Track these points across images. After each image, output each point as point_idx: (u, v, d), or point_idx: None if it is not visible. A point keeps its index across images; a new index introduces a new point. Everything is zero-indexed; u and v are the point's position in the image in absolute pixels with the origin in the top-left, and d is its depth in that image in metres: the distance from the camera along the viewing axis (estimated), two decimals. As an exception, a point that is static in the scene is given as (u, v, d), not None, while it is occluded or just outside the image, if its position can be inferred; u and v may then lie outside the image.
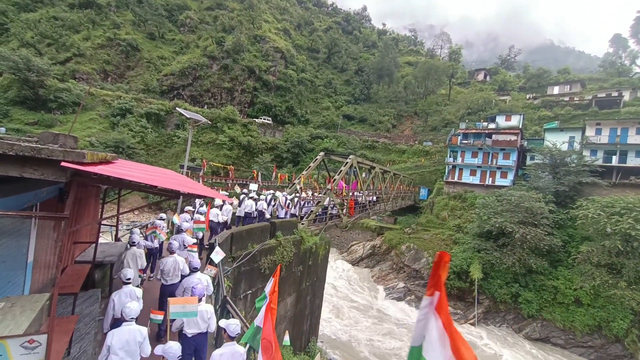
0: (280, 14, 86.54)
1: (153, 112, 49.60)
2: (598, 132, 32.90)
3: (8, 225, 4.07)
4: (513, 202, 25.92)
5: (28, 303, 3.73)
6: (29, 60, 41.48)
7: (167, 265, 6.50)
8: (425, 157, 49.94)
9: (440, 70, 65.71)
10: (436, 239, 30.73)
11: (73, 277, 5.76)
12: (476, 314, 23.88)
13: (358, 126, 65.96)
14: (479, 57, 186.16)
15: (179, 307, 4.61)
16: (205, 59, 62.61)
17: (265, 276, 10.68)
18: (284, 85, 65.56)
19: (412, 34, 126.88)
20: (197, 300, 4.79)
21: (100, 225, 8.48)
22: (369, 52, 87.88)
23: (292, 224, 13.08)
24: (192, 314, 4.68)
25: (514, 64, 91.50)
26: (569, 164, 29.65)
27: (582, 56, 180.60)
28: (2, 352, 2.68)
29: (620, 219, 21.39)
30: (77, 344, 4.66)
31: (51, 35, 55.98)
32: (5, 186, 3.60)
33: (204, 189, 6.83)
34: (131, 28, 63.58)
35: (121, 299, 4.96)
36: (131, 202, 34.63)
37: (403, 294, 27.23)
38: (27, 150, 2.72)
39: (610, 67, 64.66)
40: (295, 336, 13.53)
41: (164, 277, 6.51)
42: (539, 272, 24.18)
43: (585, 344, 21.11)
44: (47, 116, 42.59)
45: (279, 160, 53.49)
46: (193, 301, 4.72)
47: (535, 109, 51.89)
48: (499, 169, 36.20)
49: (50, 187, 5.03)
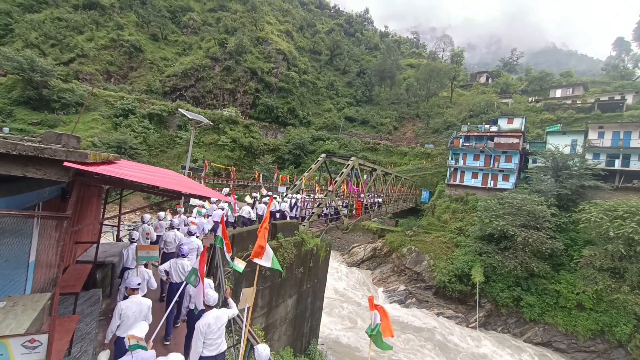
0: (282, 15, 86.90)
1: (155, 113, 49.82)
2: (601, 135, 32.79)
3: (10, 225, 4.08)
4: (515, 205, 25.82)
5: (30, 302, 3.73)
6: (33, 60, 41.78)
7: (169, 237, 8.22)
8: (427, 159, 49.88)
9: (442, 72, 65.68)
10: (437, 241, 30.64)
11: (74, 276, 5.77)
12: (477, 318, 23.75)
13: (360, 128, 65.98)
14: (481, 60, 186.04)
15: (144, 253, 5.92)
16: (208, 60, 62.87)
17: (266, 277, 10.67)
18: (286, 87, 65.72)
19: (415, 36, 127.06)
20: (157, 248, 6.50)
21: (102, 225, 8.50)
22: (371, 54, 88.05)
23: (293, 226, 13.07)
24: (154, 257, 6.09)
25: (516, 66, 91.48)
26: (571, 167, 29.52)
27: (585, 59, 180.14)
28: (4, 351, 2.68)
29: (623, 223, 21.26)
30: (78, 343, 4.66)
31: (55, 36, 56.36)
32: (8, 185, 3.61)
33: (205, 190, 6.84)
34: (134, 29, 63.98)
35: (128, 312, 4.55)
36: (133, 203, 34.70)
37: (404, 296, 27.12)
38: (30, 149, 2.73)
39: (613, 70, 64.51)
40: (296, 338, 13.49)
41: (166, 247, 8.12)
42: (541, 276, 24.04)
43: (587, 349, 20.95)
44: (51, 116, 42.83)
45: (280, 161, 53.53)
46: (154, 248, 6.25)
47: (537, 112, 51.78)
48: (501, 172, 36.09)
49: (53, 186, 5.04)
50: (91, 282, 6.59)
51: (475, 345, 21.33)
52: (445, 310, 25.44)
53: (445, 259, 27.98)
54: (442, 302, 26.13)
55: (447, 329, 23.00)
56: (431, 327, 22.90)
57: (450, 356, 19.79)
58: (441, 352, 20.12)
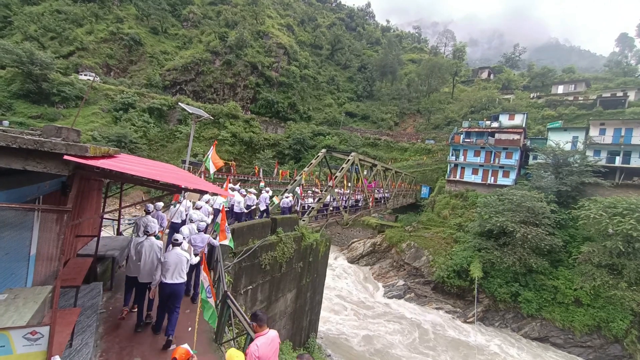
0: (283, 9, 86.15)
1: (155, 107, 49.66)
2: (602, 132, 32.68)
3: (11, 218, 4.09)
4: (515, 201, 25.85)
5: (31, 295, 3.76)
6: (32, 53, 41.56)
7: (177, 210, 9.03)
8: (428, 155, 49.83)
9: (444, 68, 65.31)
10: (437, 237, 30.73)
11: (75, 270, 5.80)
12: (475, 313, 23.93)
13: (360, 123, 65.80)
14: (483, 55, 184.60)
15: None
16: (208, 54, 62.50)
17: (266, 272, 10.73)
18: (287, 81, 65.41)
19: (416, 31, 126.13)
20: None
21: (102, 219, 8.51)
22: (372, 49, 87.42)
23: (293, 221, 13.11)
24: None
25: (518, 62, 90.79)
26: (571, 164, 29.46)
27: (588, 55, 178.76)
28: (5, 343, 2.71)
29: (623, 220, 21.30)
30: (79, 336, 4.70)
31: (54, 28, 55.97)
32: (9, 179, 3.62)
33: (205, 184, 6.84)
34: (134, 22, 63.48)
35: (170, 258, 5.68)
36: (133, 197, 34.76)
37: (403, 291, 27.30)
38: (31, 143, 2.73)
39: (615, 66, 64.14)
40: (295, 332, 13.61)
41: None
42: (539, 272, 24.17)
43: (584, 344, 21.14)
44: (50, 110, 42.71)
45: (280, 156, 53.49)
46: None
47: (539, 108, 51.58)
48: (501, 168, 36.07)
49: (53, 180, 5.04)
50: (92, 276, 6.63)
51: (473, 339, 21.52)
52: (444, 305, 25.63)
53: (444, 254, 28.10)
54: (441, 297, 26.31)
55: (445, 324, 23.19)
56: (429, 322, 23.10)
57: (447, 350, 19.98)
58: (438, 346, 20.31)
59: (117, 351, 5.08)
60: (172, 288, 5.54)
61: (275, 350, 4.09)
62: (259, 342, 3.95)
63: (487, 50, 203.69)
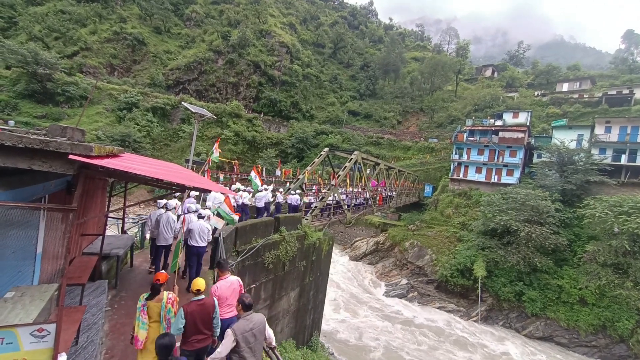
0: (286, 8, 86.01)
1: (159, 107, 49.82)
2: (607, 130, 32.35)
3: (18, 217, 4.13)
4: (519, 200, 25.69)
5: (37, 293, 3.80)
6: (37, 53, 41.79)
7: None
8: (431, 154, 49.60)
9: (447, 66, 64.90)
10: (440, 236, 30.64)
11: (81, 268, 5.85)
12: (479, 312, 23.86)
13: (363, 122, 65.62)
14: (487, 53, 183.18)
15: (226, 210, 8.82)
16: (211, 53, 62.56)
17: (269, 270, 10.76)
18: (289, 80, 65.33)
19: (419, 29, 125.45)
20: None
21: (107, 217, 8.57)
22: (375, 47, 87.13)
23: (296, 219, 13.11)
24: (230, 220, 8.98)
25: (522, 60, 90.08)
26: (576, 163, 29.21)
27: (593, 52, 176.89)
28: (13, 339, 2.75)
29: (628, 219, 21.12)
30: (85, 333, 4.75)
31: (59, 28, 56.25)
32: (15, 178, 3.65)
33: (209, 183, 6.88)
34: (137, 22, 63.67)
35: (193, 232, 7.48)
36: (137, 196, 34.92)
37: (406, 290, 27.26)
38: (36, 142, 2.75)
39: (621, 63, 63.44)
40: (298, 330, 13.65)
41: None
42: (543, 271, 24.03)
43: (589, 344, 21.01)
44: (55, 109, 42.98)
45: (283, 155, 53.52)
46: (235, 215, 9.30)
47: (543, 106, 51.18)
48: (505, 167, 35.84)
49: (59, 179, 5.09)
50: (97, 274, 6.69)
51: (476, 338, 21.45)
52: (447, 304, 25.57)
53: (447, 253, 28.01)
54: (444, 296, 26.25)
55: (448, 323, 23.14)
56: (432, 321, 23.05)
57: (451, 350, 19.94)
58: (442, 345, 20.27)
59: (122, 348, 5.13)
60: (197, 249, 7.47)
61: (233, 291, 5.00)
62: (219, 284, 4.97)
63: (491, 47, 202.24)
